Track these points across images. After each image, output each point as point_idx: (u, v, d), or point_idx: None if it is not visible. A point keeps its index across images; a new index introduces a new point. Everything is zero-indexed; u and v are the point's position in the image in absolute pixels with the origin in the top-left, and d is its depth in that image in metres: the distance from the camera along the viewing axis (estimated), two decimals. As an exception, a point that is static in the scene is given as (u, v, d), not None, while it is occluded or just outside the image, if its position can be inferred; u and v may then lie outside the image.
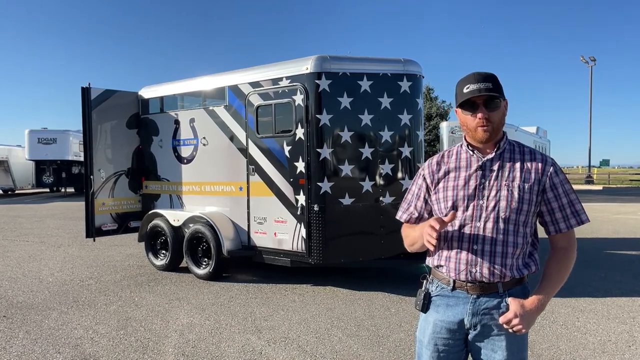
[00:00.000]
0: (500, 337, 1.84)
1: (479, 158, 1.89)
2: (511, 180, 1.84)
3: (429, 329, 1.95)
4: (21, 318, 5.01)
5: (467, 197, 1.86)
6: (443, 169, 1.96)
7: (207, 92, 7.05)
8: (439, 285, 1.94)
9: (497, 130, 1.87)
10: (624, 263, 7.62)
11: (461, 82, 1.87)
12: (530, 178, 1.85)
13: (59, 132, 24.92)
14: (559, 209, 1.86)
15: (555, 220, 1.87)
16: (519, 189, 1.83)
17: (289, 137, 5.91)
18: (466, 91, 1.83)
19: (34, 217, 14.79)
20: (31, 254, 8.58)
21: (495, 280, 1.84)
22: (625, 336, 4.40)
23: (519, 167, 1.86)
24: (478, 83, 1.81)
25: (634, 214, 14.71)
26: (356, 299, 5.59)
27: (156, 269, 7.18)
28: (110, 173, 7.52)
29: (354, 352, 4.08)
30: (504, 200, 1.82)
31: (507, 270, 1.83)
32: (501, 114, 1.87)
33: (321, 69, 5.68)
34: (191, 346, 4.21)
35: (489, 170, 1.87)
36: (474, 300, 1.86)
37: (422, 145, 6.32)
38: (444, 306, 1.91)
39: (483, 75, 1.84)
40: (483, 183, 1.86)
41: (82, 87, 7.19)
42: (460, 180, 1.89)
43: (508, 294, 1.85)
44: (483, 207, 1.84)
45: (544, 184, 1.86)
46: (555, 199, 1.86)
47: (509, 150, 1.91)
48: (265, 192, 6.15)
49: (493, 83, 1.83)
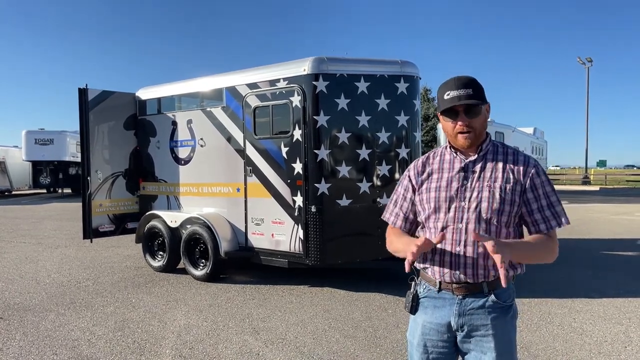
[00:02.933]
0: (488, 338, 1.84)
1: (461, 159, 1.90)
2: (493, 181, 1.85)
3: (418, 331, 1.96)
4: (18, 320, 5.01)
5: (449, 198, 1.87)
6: (427, 170, 1.97)
7: (204, 93, 7.05)
8: (426, 287, 1.95)
9: (479, 136, 1.87)
10: (621, 263, 7.65)
11: (442, 88, 1.87)
12: (511, 179, 1.85)
13: (56, 132, 24.87)
14: (539, 210, 1.86)
15: (535, 221, 1.87)
16: (500, 189, 1.83)
17: (287, 139, 5.91)
18: (447, 98, 1.83)
19: (31, 218, 14.75)
20: (28, 255, 8.56)
21: (479, 281, 1.85)
22: (622, 337, 4.42)
23: (501, 168, 1.87)
24: (458, 90, 1.81)
25: (630, 214, 14.74)
26: (353, 300, 5.59)
27: (153, 270, 7.17)
28: (107, 174, 7.51)
29: (351, 353, 4.08)
30: (485, 201, 1.82)
31: (491, 270, 1.84)
32: (482, 119, 1.87)
33: (318, 71, 5.69)
34: (188, 347, 4.21)
35: (471, 172, 1.87)
36: (459, 301, 1.87)
37: (420, 146, 6.33)
38: (432, 307, 1.93)
39: (463, 81, 1.83)
40: (465, 184, 1.86)
41: (80, 88, 7.18)
42: (442, 181, 1.90)
43: (494, 294, 1.85)
44: (465, 209, 1.84)
45: (525, 185, 1.86)
46: (535, 200, 1.86)
47: (492, 151, 1.91)
48: (263, 193, 6.15)
49: (474, 88, 1.82)
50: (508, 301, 1.89)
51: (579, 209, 16.44)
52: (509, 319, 1.88)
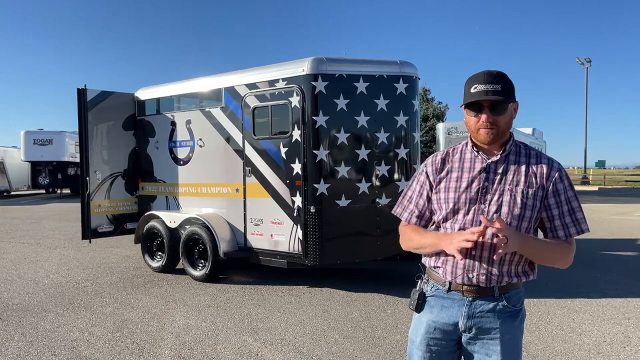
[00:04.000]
0: (494, 342, 1.81)
1: (483, 159, 1.81)
2: (515, 184, 1.77)
3: (422, 329, 1.91)
4: (17, 320, 5.00)
5: (468, 200, 1.79)
6: (446, 167, 1.88)
7: (203, 93, 7.04)
8: (434, 286, 1.90)
9: (502, 134, 1.79)
10: (619, 264, 7.66)
11: (470, 80, 1.78)
12: (534, 183, 1.77)
13: (55, 133, 24.85)
14: (559, 217, 1.80)
15: (554, 227, 1.81)
16: (522, 194, 1.76)
17: (286, 139, 5.91)
18: (473, 91, 1.74)
19: (29, 219, 14.73)
20: (27, 256, 8.55)
21: (492, 285, 1.80)
22: (621, 337, 4.42)
23: (523, 171, 1.78)
24: (486, 84, 1.72)
25: (629, 214, 14.77)
26: (352, 300, 5.59)
27: (152, 271, 7.17)
28: (106, 174, 7.50)
29: (350, 353, 4.08)
30: (505, 205, 1.76)
31: (504, 276, 1.80)
32: (508, 118, 1.78)
33: (317, 71, 5.69)
34: (187, 348, 4.21)
35: (492, 174, 1.80)
36: (469, 302, 1.82)
37: (419, 146, 6.33)
38: (439, 307, 1.88)
39: (494, 75, 1.75)
40: (486, 187, 1.79)
41: (78, 88, 7.17)
42: (463, 182, 1.82)
43: (504, 298, 1.82)
44: (484, 212, 1.77)
45: (548, 190, 1.79)
46: (556, 206, 1.79)
47: (514, 152, 1.83)
48: (262, 194, 6.15)
49: (503, 85, 1.73)
50: (517, 305, 1.85)
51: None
52: (517, 323, 1.85)
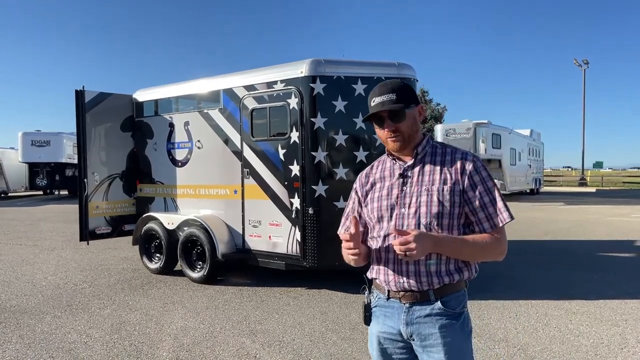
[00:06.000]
0: (437, 348, 1.77)
1: (400, 166, 1.87)
2: (431, 184, 1.80)
3: (375, 342, 1.91)
4: (14, 322, 4.99)
5: (390, 207, 1.83)
6: (370, 180, 1.94)
7: (201, 95, 7.04)
8: (377, 295, 1.91)
9: (409, 138, 1.84)
10: (617, 265, 7.67)
11: (370, 95, 1.85)
12: (449, 179, 1.80)
13: (53, 134, 24.84)
14: (481, 208, 1.79)
15: (479, 220, 1.80)
16: (438, 192, 1.78)
17: (284, 140, 5.92)
18: (372, 105, 1.82)
19: (27, 220, 14.71)
20: (24, 258, 8.53)
21: (425, 288, 1.78)
22: (618, 338, 4.43)
23: (438, 170, 1.82)
24: (382, 95, 1.80)
25: (626, 215, 14.79)
26: (351, 302, 5.59)
27: (150, 273, 7.16)
28: (104, 176, 7.49)
29: (348, 355, 4.08)
30: (424, 206, 1.78)
31: (434, 277, 1.78)
32: (411, 122, 1.83)
33: (316, 73, 5.70)
34: (185, 350, 4.20)
35: (409, 177, 1.84)
36: (407, 309, 1.81)
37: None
38: (383, 316, 1.88)
39: (388, 86, 1.82)
40: (404, 190, 1.83)
41: (76, 90, 7.17)
42: (384, 190, 1.87)
43: (441, 302, 1.79)
44: (405, 215, 1.80)
45: (464, 183, 1.80)
46: (475, 198, 1.79)
47: (430, 153, 1.87)
48: (260, 195, 6.15)
49: (398, 93, 1.80)
50: (458, 309, 1.81)
51: (575, 211, 16.52)
52: (458, 327, 1.80)
